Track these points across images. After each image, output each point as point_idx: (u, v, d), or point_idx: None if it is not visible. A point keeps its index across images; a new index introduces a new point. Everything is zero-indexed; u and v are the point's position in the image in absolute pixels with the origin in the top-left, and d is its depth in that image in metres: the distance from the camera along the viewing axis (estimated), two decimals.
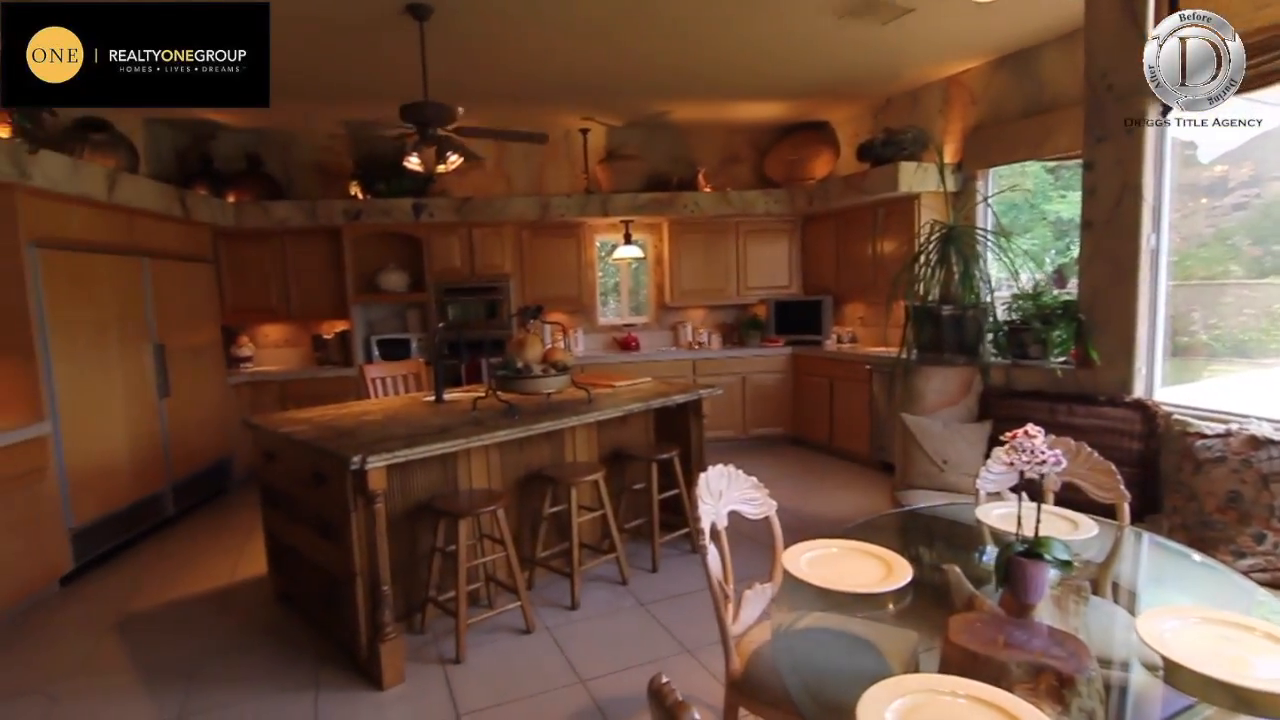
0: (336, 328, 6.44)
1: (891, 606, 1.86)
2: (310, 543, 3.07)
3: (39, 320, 3.69)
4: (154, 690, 2.82)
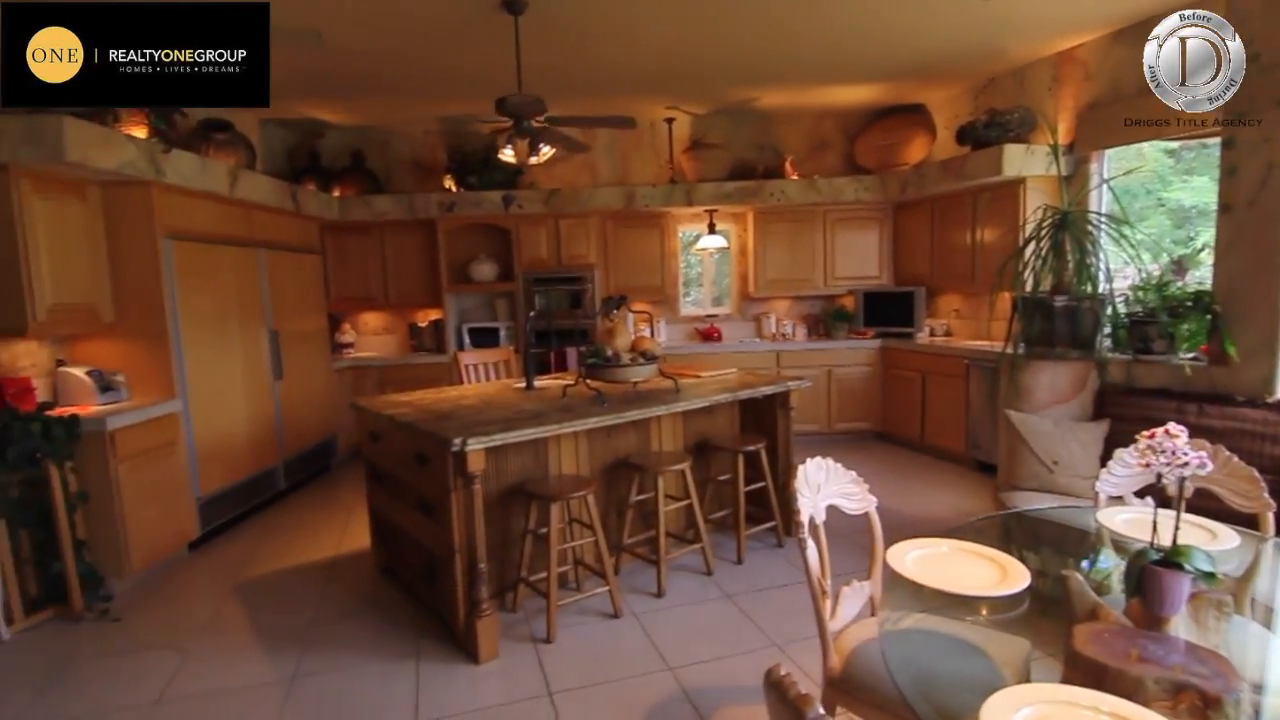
0: (430, 316, 6.70)
1: (1002, 612, 1.77)
2: (412, 520, 3.22)
3: (171, 307, 4.02)
4: (271, 651, 3.03)
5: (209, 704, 2.66)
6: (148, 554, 3.77)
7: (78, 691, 2.77)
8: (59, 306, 3.55)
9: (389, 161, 6.69)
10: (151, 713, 2.61)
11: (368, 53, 4.56)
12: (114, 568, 3.57)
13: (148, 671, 2.89)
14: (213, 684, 2.79)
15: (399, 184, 6.66)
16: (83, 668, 2.95)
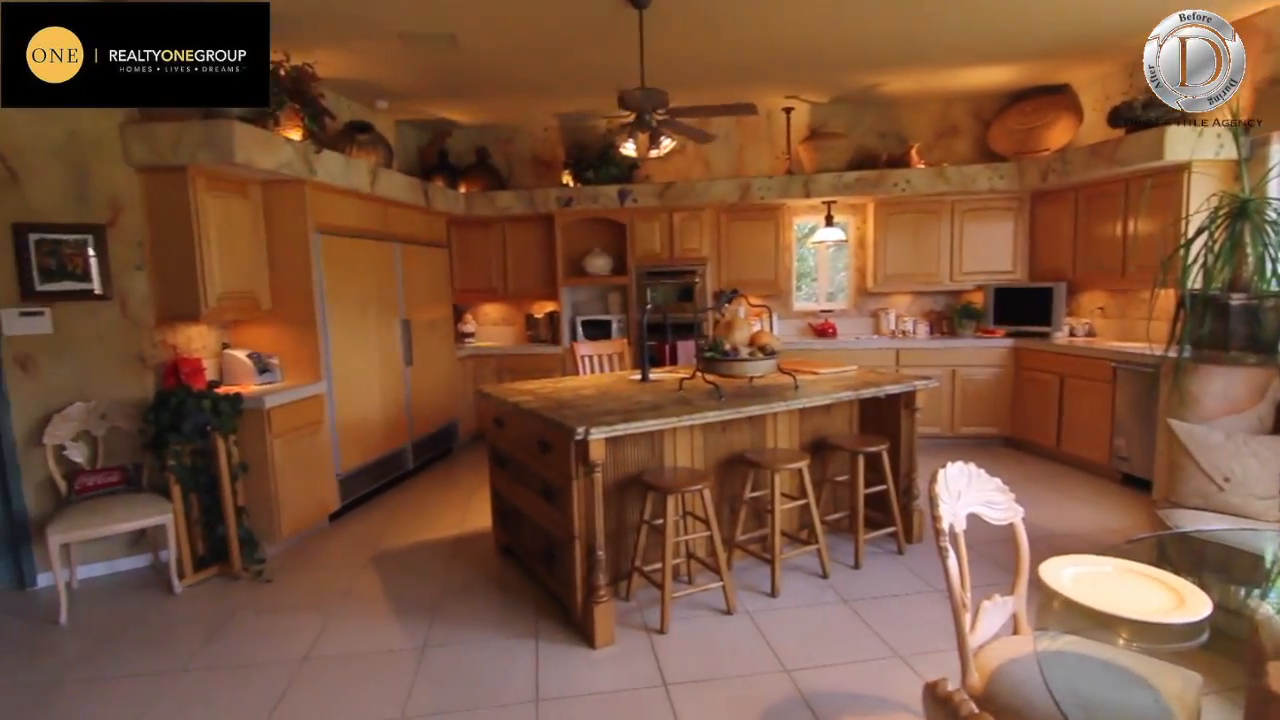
0: (546, 308, 6.90)
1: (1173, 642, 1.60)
2: (533, 504, 3.33)
3: (319, 296, 4.35)
4: (403, 619, 3.23)
5: (349, 665, 2.87)
6: (295, 522, 4.12)
7: (237, 643, 3.06)
8: (226, 294, 3.94)
9: (511, 158, 6.93)
10: (299, 669, 2.84)
11: (496, 53, 4.74)
12: (267, 533, 3.92)
13: (296, 630, 3.16)
14: (352, 646, 3.00)
15: (520, 180, 6.90)
16: (241, 622, 3.26)
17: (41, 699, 2.69)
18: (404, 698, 2.61)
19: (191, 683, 2.76)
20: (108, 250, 3.61)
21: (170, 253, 3.73)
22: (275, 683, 2.74)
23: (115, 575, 3.77)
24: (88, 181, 3.56)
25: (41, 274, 3.48)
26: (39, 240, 3.47)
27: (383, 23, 4.15)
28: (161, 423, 3.49)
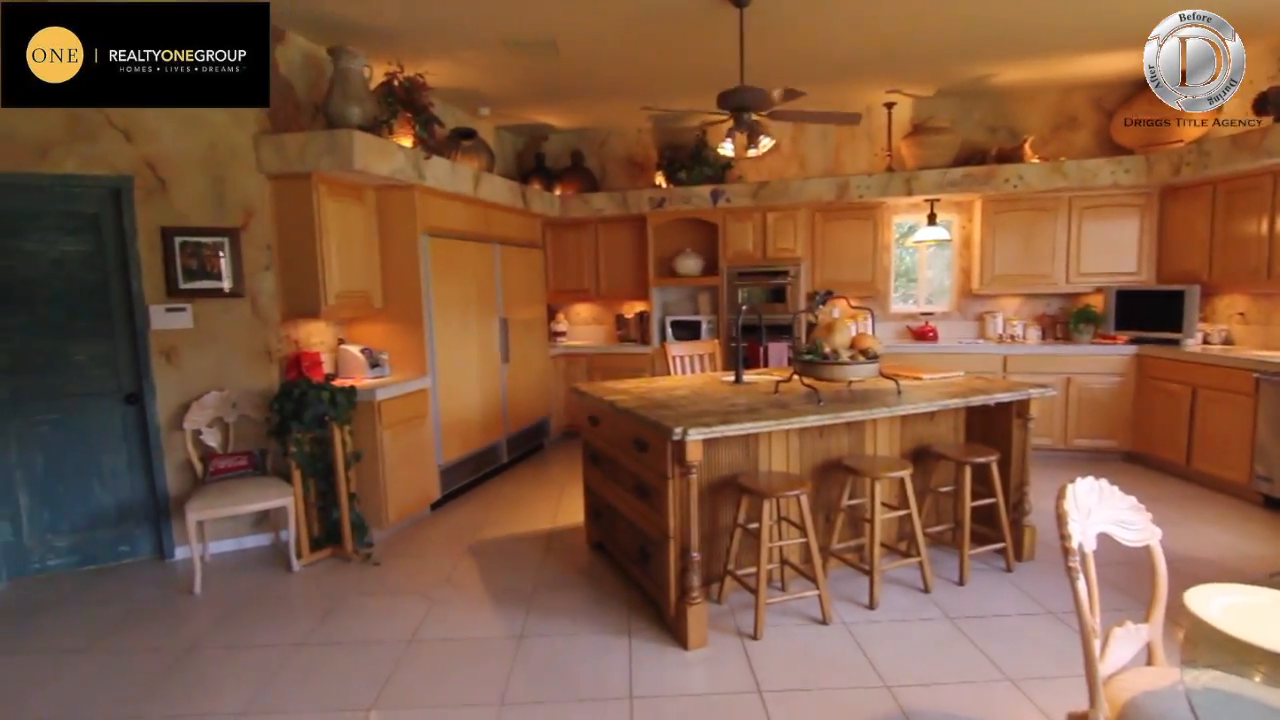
0: (636, 308, 6.96)
1: None
2: (627, 502, 3.36)
3: (426, 295, 4.56)
4: (501, 608, 3.33)
5: (451, 649, 2.99)
6: (400, 510, 4.33)
7: (350, 621, 3.25)
8: (343, 293, 4.19)
9: (604, 160, 7.03)
10: (405, 650, 2.98)
11: (593, 57, 4.82)
12: (376, 519, 4.14)
13: (402, 612, 3.32)
14: (454, 631, 3.13)
15: (613, 181, 6.99)
16: (352, 601, 3.45)
17: (181, 662, 2.94)
18: (503, 685, 2.69)
19: (310, 656, 2.95)
20: (241, 252, 3.92)
21: (295, 254, 4.01)
22: (384, 661, 2.88)
23: (241, 551, 4.08)
24: (224, 188, 3.87)
25: (184, 273, 3.81)
26: (183, 243, 3.80)
27: (489, 33, 4.30)
28: (285, 412, 3.75)
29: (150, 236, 3.74)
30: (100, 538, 3.88)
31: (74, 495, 3.79)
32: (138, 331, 3.77)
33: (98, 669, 2.90)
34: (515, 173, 6.84)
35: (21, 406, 3.64)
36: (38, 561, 3.77)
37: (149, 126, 3.68)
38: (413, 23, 4.10)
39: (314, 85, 4.35)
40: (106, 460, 3.84)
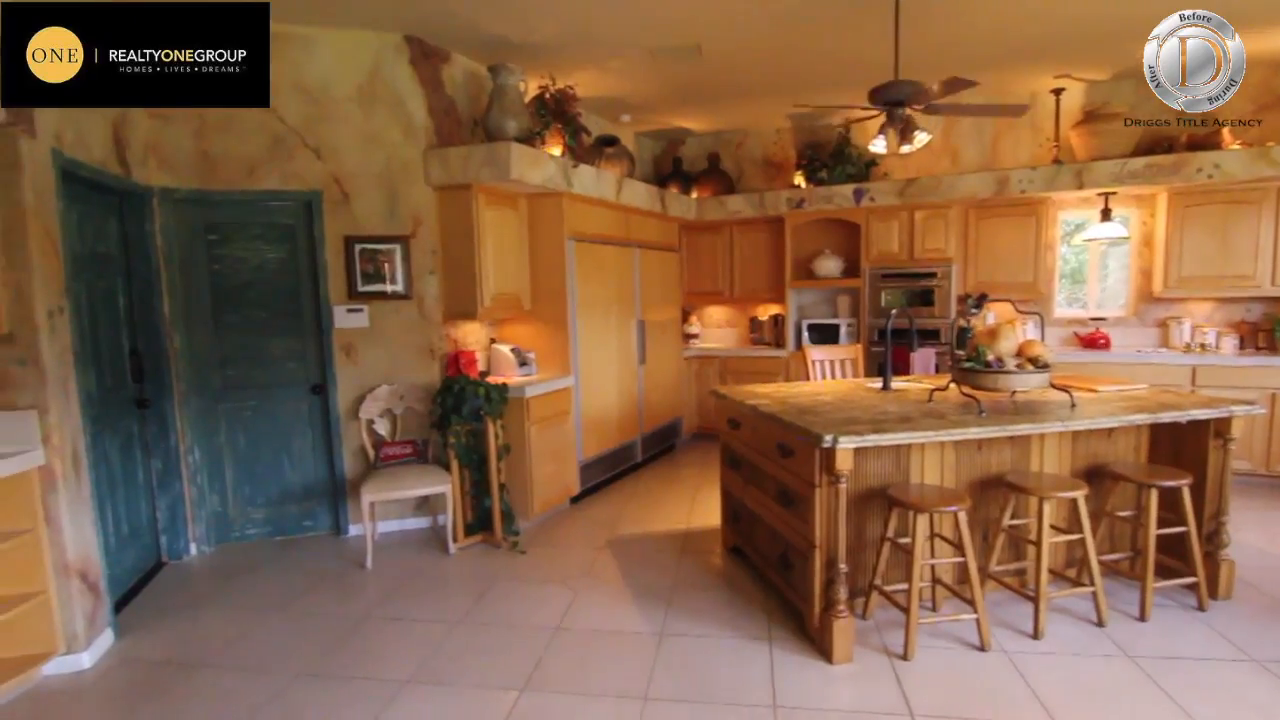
0: (770, 311, 6.86)
1: None
2: (768, 508, 3.32)
3: (571, 297, 4.75)
4: (641, 605, 3.40)
5: (595, 640, 3.09)
6: (544, 502, 4.53)
7: (501, 605, 3.44)
8: (497, 296, 4.45)
9: (741, 162, 6.99)
10: (554, 636, 3.12)
11: (736, 58, 4.81)
12: (522, 510, 4.36)
13: (549, 600, 3.47)
14: (597, 623, 3.23)
15: (750, 183, 6.93)
16: (502, 586, 3.66)
17: (355, 629, 3.24)
18: (646, 679, 2.74)
19: (466, 634, 3.16)
20: (410, 257, 4.26)
21: (456, 259, 4.31)
22: (534, 646, 3.03)
23: (404, 532, 4.44)
24: (397, 200, 4.23)
25: (363, 277, 4.20)
26: (362, 249, 4.19)
27: (635, 42, 4.41)
28: (446, 405, 4.04)
29: (335, 244, 4.16)
30: (288, 512, 4.37)
31: (268, 473, 4.29)
32: (323, 329, 4.21)
33: (288, 627, 3.27)
34: (652, 177, 6.96)
35: (230, 394, 4.17)
36: (238, 530, 4.30)
37: (336, 146, 4.10)
38: (565, 37, 4.29)
39: (474, 101, 4.66)
40: (295, 444, 4.31)
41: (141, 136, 3.75)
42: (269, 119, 3.98)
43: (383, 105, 4.16)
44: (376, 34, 4.10)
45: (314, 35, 4.01)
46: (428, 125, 4.28)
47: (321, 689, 2.76)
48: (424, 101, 4.26)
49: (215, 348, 4.09)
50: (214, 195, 3.97)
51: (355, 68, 4.10)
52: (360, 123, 4.14)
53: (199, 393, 4.08)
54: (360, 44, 4.09)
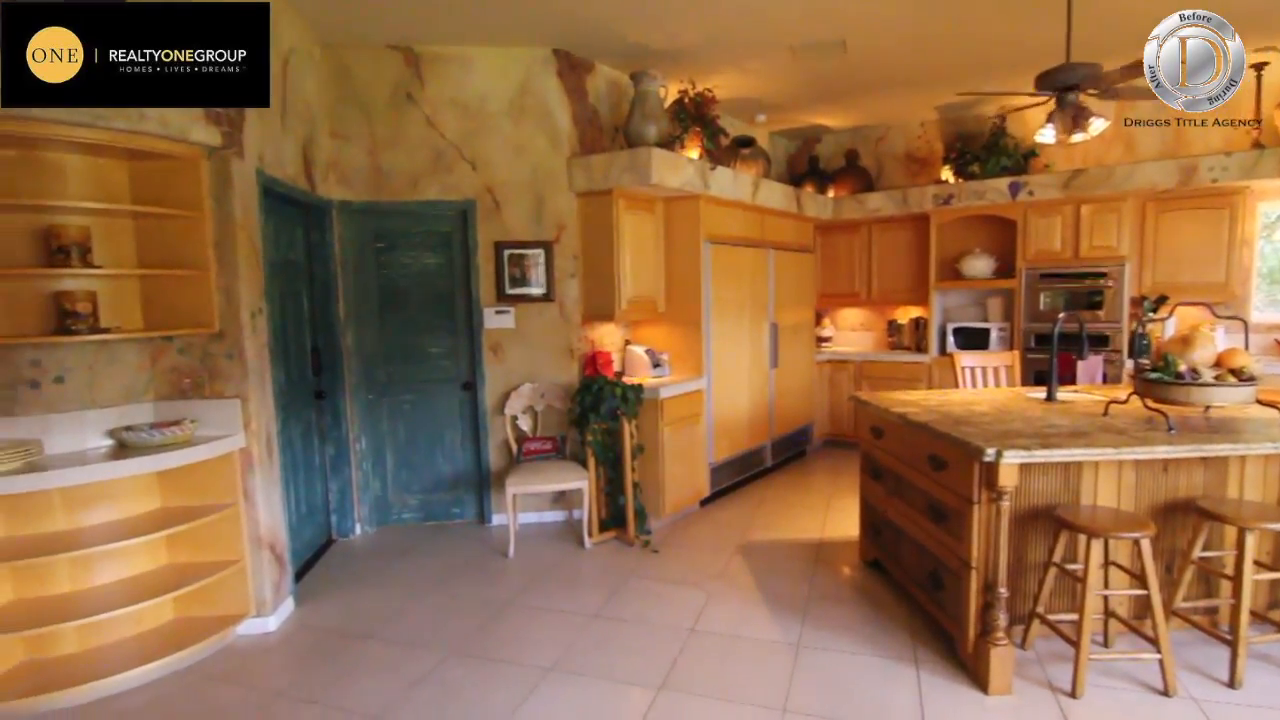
0: (911, 314, 6.52)
1: None
2: (915, 523, 3.15)
3: (705, 300, 4.75)
4: (776, 613, 3.34)
5: (730, 644, 3.07)
6: (675, 503, 4.57)
7: (634, 603, 3.50)
8: (634, 298, 4.54)
9: (881, 158, 6.70)
10: (688, 637, 3.13)
11: (882, 51, 4.61)
12: (654, 509, 4.42)
13: (682, 601, 3.49)
14: (732, 628, 3.21)
15: (890, 180, 6.63)
16: (636, 584, 3.72)
17: (499, 615, 3.41)
18: (784, 691, 2.69)
19: (603, 628, 3.24)
20: (553, 262, 4.44)
21: (595, 263, 4.44)
22: (669, 645, 3.06)
23: (541, 525, 4.63)
24: (543, 206, 4.42)
25: (510, 281, 4.43)
26: (510, 254, 4.42)
27: (777, 41, 4.34)
28: (585, 404, 4.17)
29: (486, 250, 4.41)
30: (439, 499, 4.68)
31: (423, 463, 4.63)
32: (474, 330, 4.48)
33: (440, 607, 3.50)
34: (787, 176, 6.83)
35: (393, 388, 4.53)
36: (396, 514, 4.67)
37: (489, 157, 4.35)
38: (706, 41, 4.30)
39: (615, 108, 4.78)
40: (447, 436, 4.62)
41: (325, 155, 4.17)
42: (431, 134, 4.29)
43: (531, 117, 4.37)
44: (528, 49, 4.31)
45: (472, 54, 4.28)
46: (571, 134, 4.45)
47: (472, 667, 2.93)
48: (569, 111, 4.43)
49: (380, 346, 4.47)
50: (383, 206, 4.34)
51: (507, 82, 4.34)
52: (510, 134, 4.36)
53: (366, 387, 4.47)
54: (512, 60, 4.32)
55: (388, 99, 4.25)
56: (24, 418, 2.84)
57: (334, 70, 4.19)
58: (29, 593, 2.88)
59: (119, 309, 3.00)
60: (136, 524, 2.99)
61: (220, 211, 3.06)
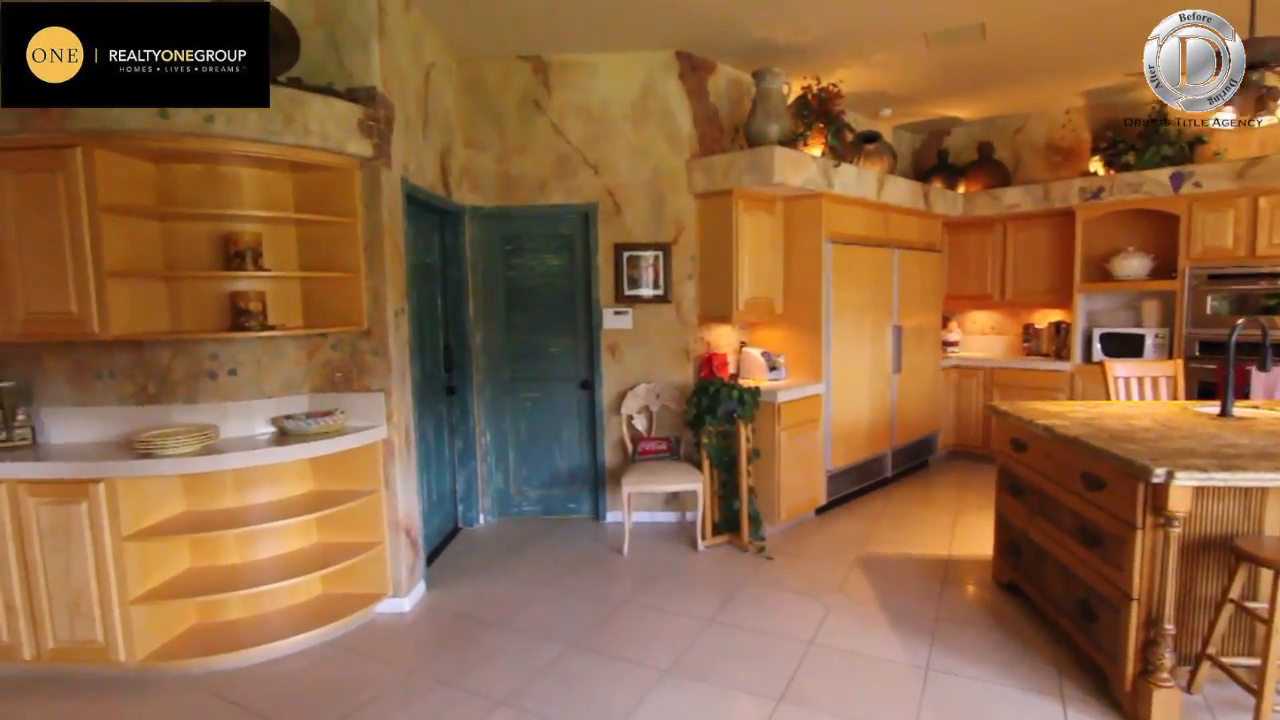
0: (1050, 317, 6.05)
1: None
2: (1064, 545, 2.91)
3: (825, 302, 4.61)
4: (900, 632, 3.18)
5: (852, 661, 2.95)
6: (790, 510, 4.46)
7: (750, 610, 3.44)
8: (751, 300, 4.48)
9: (1019, 150, 6.25)
10: (808, 650, 3.04)
11: (1025, 34, 4.29)
12: (769, 515, 4.34)
13: (800, 612, 3.40)
14: (853, 644, 3.09)
15: (1029, 173, 6.17)
16: (751, 591, 3.66)
17: (616, 611, 3.46)
18: (913, 715, 2.56)
19: (720, 634, 3.21)
20: (671, 263, 4.46)
21: (713, 265, 4.42)
22: (788, 657, 2.99)
23: (653, 524, 4.66)
24: (662, 209, 4.45)
25: (628, 282, 4.49)
26: (629, 256, 4.48)
27: (910, 29, 4.15)
28: (701, 406, 4.15)
29: (606, 252, 4.49)
30: (556, 494, 4.82)
31: (542, 458, 4.78)
32: (593, 330, 4.57)
33: (560, 600, 3.60)
34: (912, 172, 6.51)
35: (517, 386, 4.71)
36: (516, 507, 4.85)
37: (611, 161, 4.43)
38: (834, 34, 4.17)
39: (735, 107, 4.73)
40: (564, 433, 4.74)
41: (459, 163, 4.40)
42: (556, 140, 4.42)
43: (652, 119, 4.41)
44: (650, 53, 4.35)
45: (596, 61, 4.37)
46: (692, 135, 4.45)
47: (592, 662, 2.99)
48: (690, 112, 4.43)
49: (505, 345, 4.66)
50: (511, 211, 4.51)
51: (629, 87, 4.40)
52: (631, 137, 4.42)
53: (492, 384, 4.67)
54: (635, 64, 4.37)
55: (516, 107, 4.42)
56: (203, 405, 3.18)
57: (468, 82, 4.40)
58: (203, 562, 3.22)
59: (283, 308, 3.30)
60: (293, 505, 3.27)
61: (370, 218, 3.29)
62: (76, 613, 2.86)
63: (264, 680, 2.91)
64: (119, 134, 2.73)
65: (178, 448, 2.90)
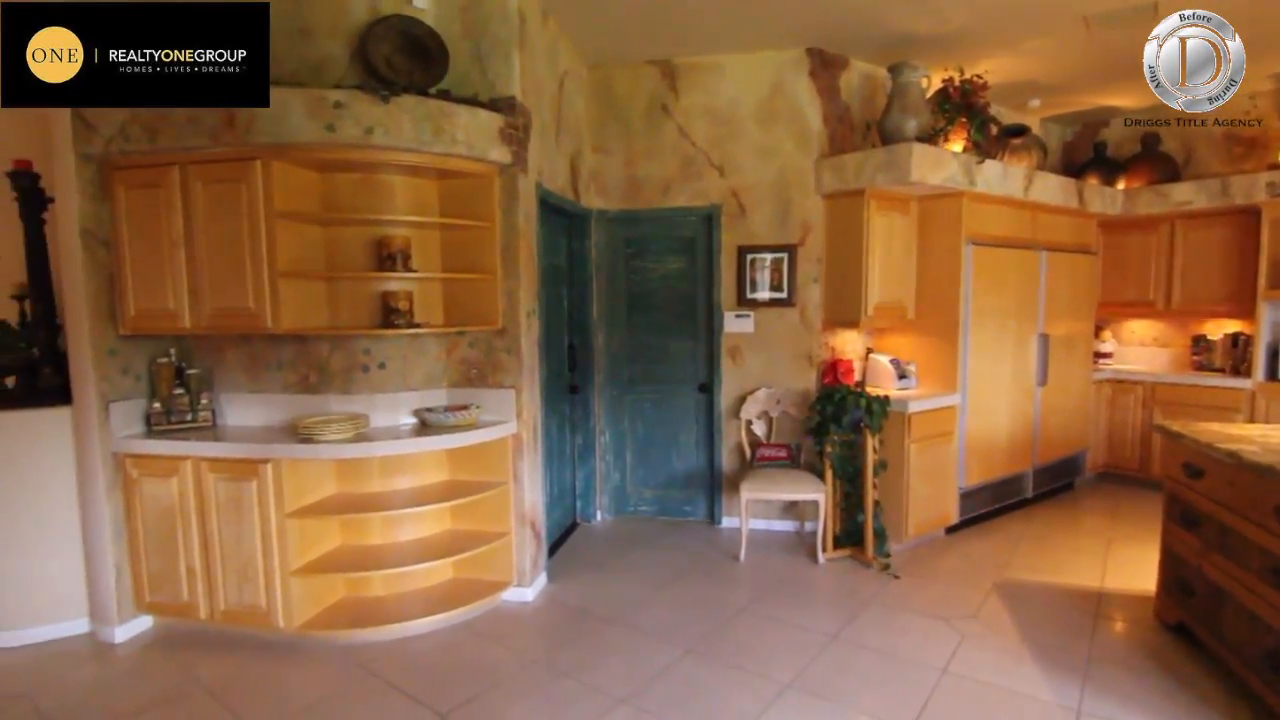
0: (1226, 328, 5.38)
1: None
2: (1249, 587, 2.57)
3: (964, 307, 4.34)
4: (1045, 669, 2.93)
5: (991, 696, 2.75)
6: (918, 526, 4.24)
7: (877, 630, 3.29)
8: (881, 305, 4.29)
9: (1190, 141, 5.61)
10: (941, 679, 2.86)
11: (1203, 8, 3.83)
12: (895, 531, 4.13)
13: (930, 637, 3.21)
14: (992, 677, 2.87)
15: (1202, 166, 5.53)
16: (876, 611, 3.49)
17: (734, 619, 3.41)
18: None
19: (843, 652, 3.09)
20: (796, 266, 4.36)
21: (841, 267, 4.28)
22: (918, 685, 2.82)
23: (769, 533, 4.56)
24: (788, 210, 4.35)
25: (751, 285, 4.43)
26: (752, 259, 4.42)
27: (1067, 12, 3.82)
28: (825, 414, 4.02)
29: (729, 254, 4.45)
30: (672, 496, 4.83)
31: (659, 459, 4.80)
32: (713, 333, 4.55)
33: (677, 602, 3.59)
34: (1061, 167, 5.99)
35: (636, 387, 4.77)
36: (632, 506, 4.90)
37: (736, 162, 4.38)
38: (980, 20, 3.92)
39: (868, 103, 4.55)
40: (682, 436, 4.75)
41: (588, 168, 4.50)
42: (682, 143, 4.43)
43: (780, 119, 4.32)
44: (778, 52, 4.27)
45: (724, 63, 4.34)
46: (821, 134, 4.32)
47: (710, 669, 2.97)
48: (820, 110, 4.31)
49: (626, 346, 4.72)
50: (635, 214, 4.57)
51: (757, 87, 4.33)
52: (757, 138, 4.35)
53: (612, 384, 4.75)
54: (763, 64, 4.30)
55: (644, 111, 4.47)
56: (356, 395, 3.44)
57: (598, 88, 4.50)
58: (352, 541, 3.48)
59: (427, 307, 3.50)
60: (430, 492, 3.47)
61: (507, 222, 3.43)
62: (245, 580, 3.17)
63: (401, 655, 3.10)
64: (293, 146, 2.99)
65: (335, 434, 3.15)
